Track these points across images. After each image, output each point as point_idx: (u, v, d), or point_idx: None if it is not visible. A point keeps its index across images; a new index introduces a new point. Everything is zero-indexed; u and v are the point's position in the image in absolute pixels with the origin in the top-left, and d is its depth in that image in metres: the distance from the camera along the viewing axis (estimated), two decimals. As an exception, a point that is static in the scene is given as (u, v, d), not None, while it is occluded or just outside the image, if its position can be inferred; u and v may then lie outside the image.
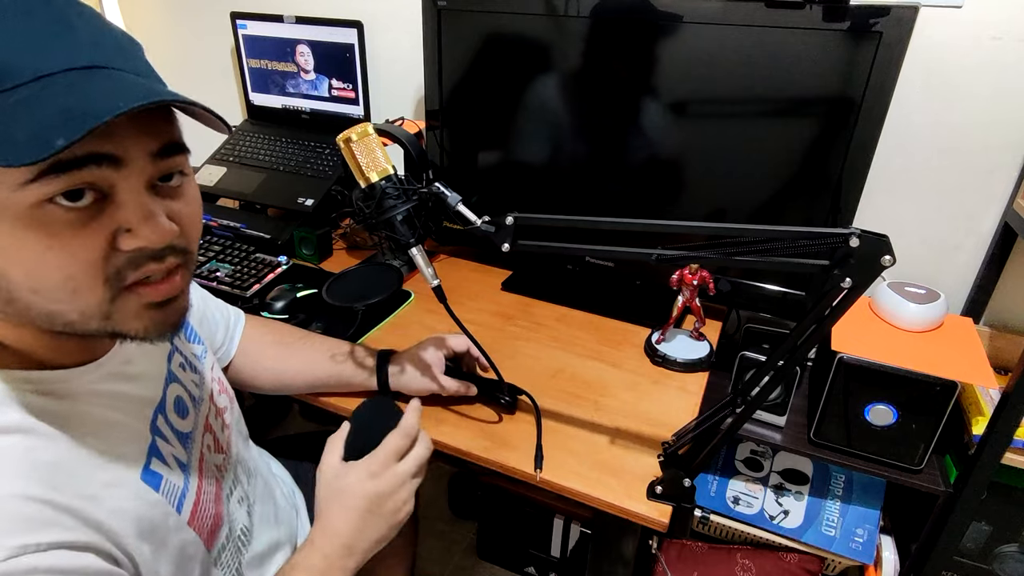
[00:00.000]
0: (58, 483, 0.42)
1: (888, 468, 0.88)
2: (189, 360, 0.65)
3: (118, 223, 0.41)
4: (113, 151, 0.39)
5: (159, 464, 0.52)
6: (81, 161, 0.37)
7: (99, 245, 0.40)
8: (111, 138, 0.39)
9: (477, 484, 1.32)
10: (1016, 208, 0.95)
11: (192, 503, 0.56)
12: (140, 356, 0.55)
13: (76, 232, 0.39)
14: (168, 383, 0.59)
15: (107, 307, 0.42)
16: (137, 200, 0.41)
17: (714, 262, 0.63)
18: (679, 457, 0.72)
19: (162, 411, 0.56)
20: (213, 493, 0.61)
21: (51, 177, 0.37)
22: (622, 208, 1.07)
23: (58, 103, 0.36)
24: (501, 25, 1.05)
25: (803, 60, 0.88)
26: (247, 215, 1.32)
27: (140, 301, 0.43)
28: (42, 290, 0.40)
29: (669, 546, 1.12)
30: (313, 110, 1.44)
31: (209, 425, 0.64)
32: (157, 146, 0.42)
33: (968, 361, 0.84)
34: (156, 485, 0.51)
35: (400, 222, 0.72)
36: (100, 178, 0.39)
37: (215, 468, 0.63)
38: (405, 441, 0.65)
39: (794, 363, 0.63)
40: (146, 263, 0.42)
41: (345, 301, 1.00)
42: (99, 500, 0.44)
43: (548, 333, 1.04)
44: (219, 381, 0.70)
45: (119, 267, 0.41)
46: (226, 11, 1.44)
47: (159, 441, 0.54)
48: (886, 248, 0.52)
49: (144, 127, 0.41)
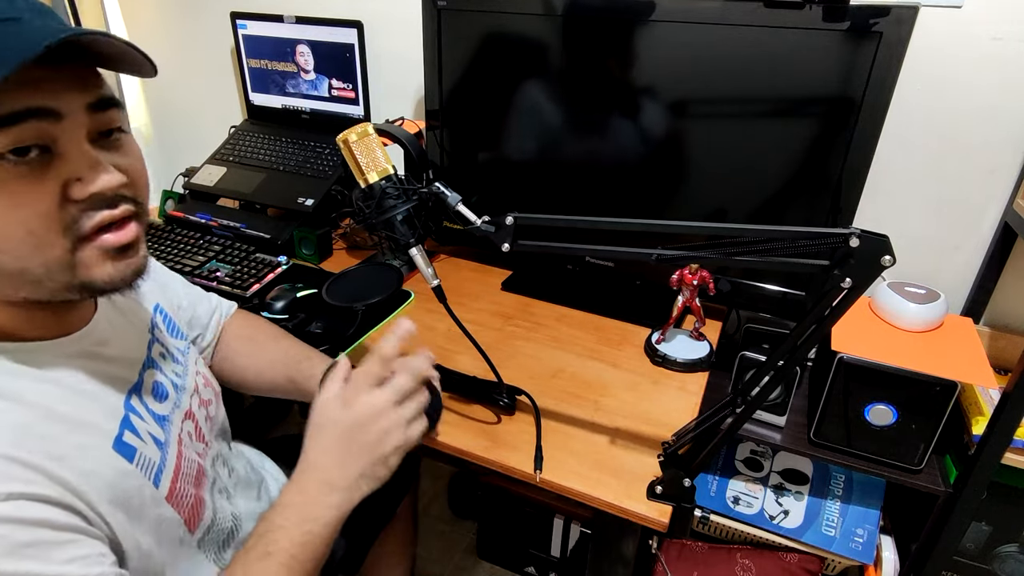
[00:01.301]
0: (24, 443, 0.43)
1: (888, 468, 0.88)
2: (171, 352, 0.66)
3: (67, 174, 0.43)
4: (51, 104, 0.41)
5: (132, 437, 0.53)
6: (21, 115, 0.40)
7: (52, 197, 0.42)
8: (45, 91, 0.41)
9: (477, 484, 1.32)
10: (1016, 208, 0.95)
11: (170, 480, 0.56)
12: (115, 340, 0.57)
13: (29, 187, 0.41)
14: (146, 367, 0.60)
15: (69, 257, 0.44)
16: (81, 150, 0.43)
17: (714, 262, 0.63)
18: (679, 457, 0.72)
19: (137, 392, 0.57)
20: (193, 475, 0.60)
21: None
22: (622, 208, 1.07)
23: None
24: (501, 25, 1.05)
25: (803, 60, 0.88)
26: (247, 215, 1.32)
27: (100, 248, 0.46)
28: (6, 248, 0.42)
29: (669, 546, 1.12)
30: (313, 110, 1.44)
31: (192, 413, 0.64)
32: (92, 98, 0.44)
33: (968, 361, 0.84)
34: (130, 456, 0.52)
35: (400, 222, 0.72)
36: (42, 131, 0.41)
37: (196, 455, 0.63)
38: (378, 367, 0.61)
39: (794, 363, 0.63)
40: (100, 210, 0.45)
41: (345, 301, 1.00)
42: (68, 460, 0.45)
43: (548, 333, 1.04)
44: (203, 376, 0.71)
45: (75, 216, 0.44)
46: (226, 11, 1.44)
47: (133, 418, 0.54)
48: (886, 248, 0.52)
49: (77, 81, 0.43)
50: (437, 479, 1.63)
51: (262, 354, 0.82)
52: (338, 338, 0.98)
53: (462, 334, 0.77)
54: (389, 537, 1.01)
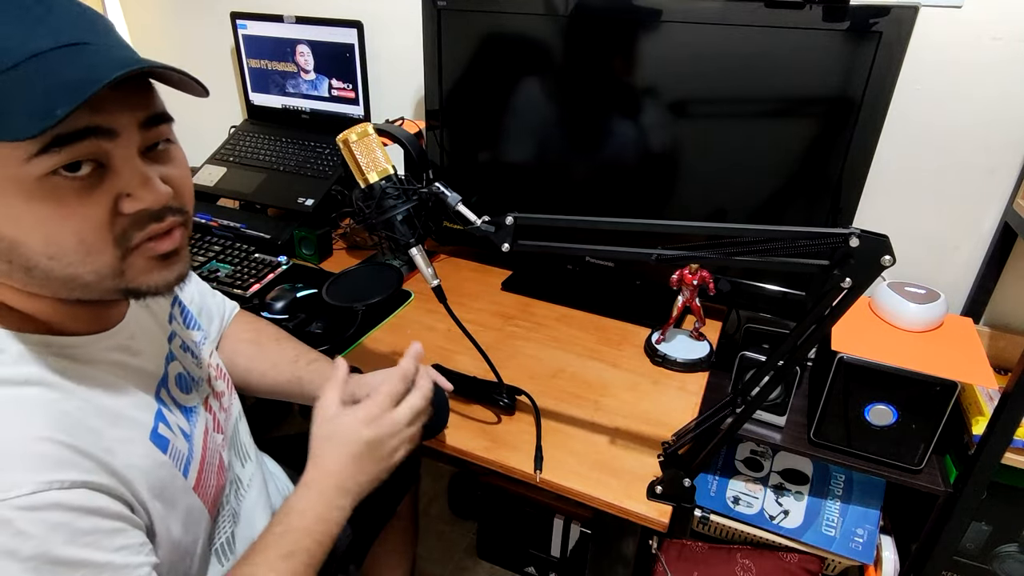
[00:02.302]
0: (77, 432, 0.45)
1: (888, 468, 0.88)
2: (188, 344, 0.67)
3: (118, 189, 0.44)
4: (107, 123, 0.43)
5: (165, 429, 0.55)
6: (81, 134, 0.41)
7: (104, 209, 0.44)
8: (104, 111, 0.42)
9: (477, 484, 1.32)
10: (1016, 208, 0.95)
11: (196, 470, 0.58)
12: (141, 334, 0.58)
13: (82, 199, 0.43)
14: (168, 360, 0.61)
15: (119, 264, 0.46)
16: (132, 167, 0.45)
17: (714, 262, 0.63)
18: (679, 457, 0.72)
19: (164, 384, 0.59)
20: (216, 465, 0.63)
21: (54, 151, 0.40)
22: (622, 208, 1.07)
23: (53, 78, 0.39)
24: (501, 25, 1.05)
25: (803, 60, 0.88)
26: (247, 215, 1.32)
27: (147, 255, 0.47)
28: (58, 255, 0.43)
29: (669, 546, 1.12)
30: (313, 110, 1.43)
31: (209, 406, 0.66)
32: (144, 116, 0.46)
33: (968, 361, 0.84)
34: (164, 447, 0.54)
35: (400, 222, 0.72)
36: (97, 149, 0.43)
37: (218, 445, 0.65)
38: (402, 385, 0.66)
39: (794, 363, 0.63)
40: (148, 223, 0.46)
41: (345, 301, 1.00)
42: (114, 452, 0.47)
43: (548, 333, 1.04)
44: (216, 367, 0.72)
45: (124, 228, 0.45)
46: (226, 11, 1.44)
47: (164, 410, 0.56)
48: (886, 248, 0.52)
49: (130, 100, 0.44)
50: (437, 479, 1.63)
51: (265, 356, 0.82)
52: (338, 338, 0.99)
53: (462, 334, 0.77)
54: (390, 536, 1.02)
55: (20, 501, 0.39)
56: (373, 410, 0.63)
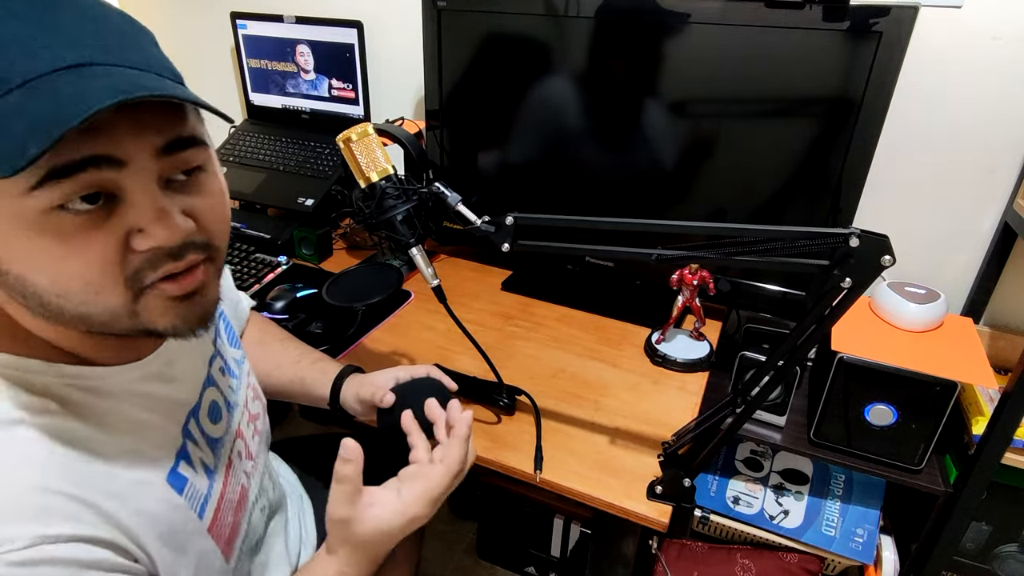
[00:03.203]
0: (83, 478, 0.42)
1: (888, 468, 0.88)
2: (228, 365, 0.64)
3: (130, 224, 0.40)
4: (111, 152, 0.38)
5: (186, 467, 0.52)
6: (79, 165, 0.36)
7: (112, 248, 0.39)
8: (107, 138, 0.37)
9: (477, 484, 1.32)
10: (1016, 208, 0.95)
11: (213, 510, 0.55)
12: (182, 357, 0.55)
13: (88, 236, 0.38)
14: (206, 387, 0.58)
15: (131, 306, 0.42)
16: (148, 199, 0.40)
17: (714, 262, 0.63)
18: (679, 457, 0.72)
19: (195, 415, 0.56)
20: (235, 501, 0.59)
21: (53, 183, 0.36)
22: (622, 208, 1.07)
23: (33, 110, 0.35)
24: (501, 25, 1.05)
25: (803, 60, 0.88)
26: (247, 215, 1.32)
27: (163, 296, 0.43)
28: (66, 294, 0.40)
29: (669, 546, 1.12)
30: (313, 110, 1.43)
31: (241, 431, 0.63)
32: (162, 142, 0.40)
33: (968, 361, 0.84)
34: (180, 488, 0.51)
35: (400, 222, 0.72)
36: (103, 179, 0.38)
37: (244, 475, 0.62)
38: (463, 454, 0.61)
39: (794, 363, 0.63)
40: (164, 262, 0.41)
41: (345, 301, 1.00)
42: (124, 499, 0.45)
43: (548, 333, 1.04)
44: (253, 387, 0.69)
45: (137, 268, 0.41)
46: (226, 11, 1.44)
47: (189, 444, 0.53)
48: (886, 248, 0.52)
49: (144, 124, 0.39)
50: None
51: (269, 357, 0.82)
52: (338, 338, 0.99)
53: (462, 334, 0.77)
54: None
55: (13, 556, 0.37)
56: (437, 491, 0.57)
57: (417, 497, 0.55)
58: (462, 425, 0.61)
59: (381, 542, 0.55)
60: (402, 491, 0.56)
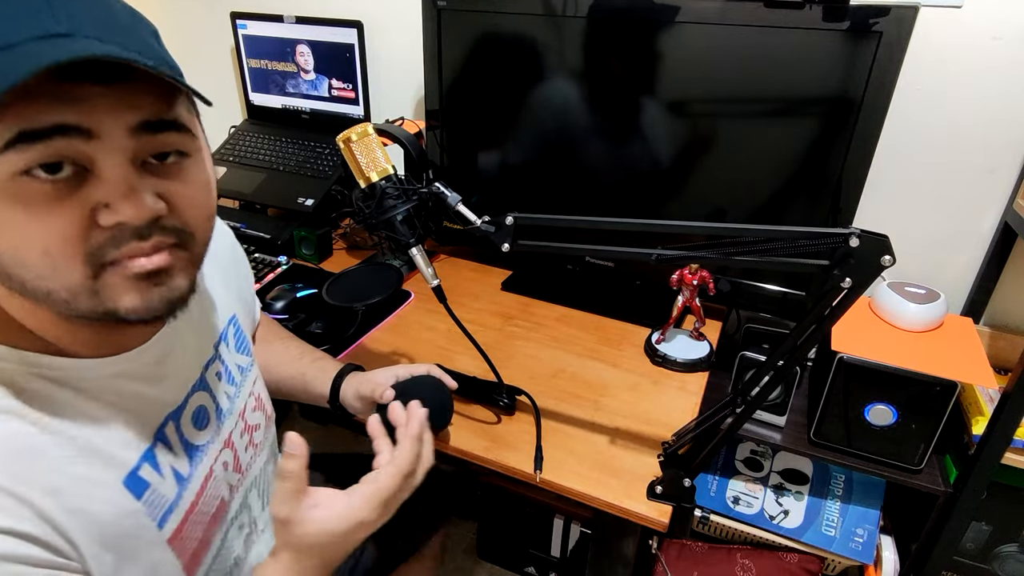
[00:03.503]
0: (20, 471, 0.41)
1: (888, 468, 0.88)
2: (229, 370, 0.62)
3: (97, 199, 0.39)
4: (80, 122, 0.37)
5: (150, 471, 0.50)
6: (48, 131, 0.36)
7: (76, 220, 0.39)
8: (80, 108, 0.37)
9: (477, 484, 1.32)
10: (1016, 208, 0.95)
11: (179, 521, 0.52)
12: (173, 356, 0.54)
13: (53, 206, 0.38)
14: (195, 390, 0.56)
15: (90, 283, 0.40)
16: (119, 175, 0.39)
17: (714, 262, 0.63)
18: (679, 457, 0.72)
19: (176, 418, 0.54)
20: (210, 515, 0.57)
21: (21, 147, 0.36)
22: (622, 208, 1.07)
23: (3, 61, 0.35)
24: (501, 25, 1.05)
25: (803, 60, 0.88)
26: (247, 215, 1.32)
27: (124, 274, 0.41)
28: (25, 265, 0.39)
29: (669, 546, 1.12)
30: (313, 110, 1.43)
31: (231, 442, 0.61)
32: (136, 120, 0.40)
33: (968, 361, 0.84)
34: (139, 492, 0.48)
35: (400, 222, 0.72)
36: (72, 149, 0.38)
37: (227, 487, 0.60)
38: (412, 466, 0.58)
39: (794, 363, 0.63)
40: (128, 240, 0.41)
41: (345, 301, 1.00)
42: (60, 495, 0.43)
43: (548, 333, 1.04)
44: (257, 397, 0.67)
45: (100, 244, 0.40)
46: (226, 11, 1.44)
47: (160, 448, 0.51)
48: (886, 248, 0.52)
49: (124, 100, 0.39)
50: (437, 479, 1.62)
51: (271, 353, 0.82)
52: (338, 338, 0.99)
53: (462, 334, 0.77)
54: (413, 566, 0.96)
55: None
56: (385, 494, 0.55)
57: (366, 499, 0.53)
58: (414, 423, 0.60)
59: (327, 546, 0.53)
60: (351, 493, 0.54)
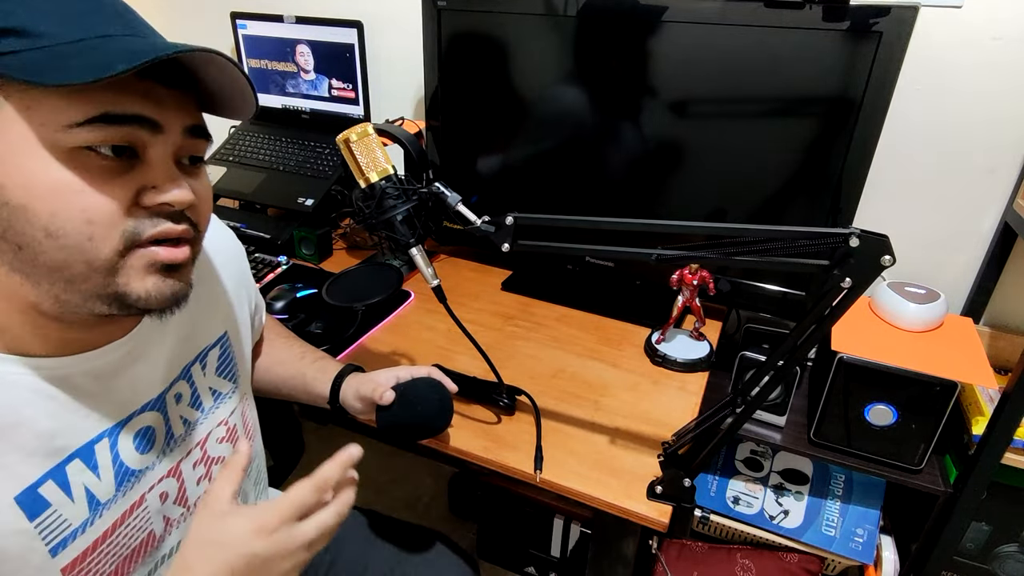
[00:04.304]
0: None
1: (888, 468, 0.88)
2: (197, 393, 0.60)
3: (144, 181, 0.44)
4: (155, 116, 0.43)
5: (54, 490, 0.46)
6: (129, 118, 0.41)
7: (125, 197, 0.43)
8: (155, 103, 0.43)
9: (477, 484, 1.32)
10: (1016, 208, 0.95)
11: (81, 551, 0.48)
12: (133, 369, 0.52)
13: (107, 181, 0.42)
14: (146, 409, 0.53)
15: (116, 259, 0.43)
16: (166, 165, 0.45)
17: (714, 262, 0.63)
18: (679, 457, 0.72)
19: (112, 435, 0.50)
20: (130, 548, 0.53)
21: (99, 125, 0.40)
22: (622, 208, 1.07)
23: (117, 46, 0.41)
24: (501, 25, 1.05)
25: (803, 60, 0.88)
26: (247, 215, 1.32)
27: (149, 259, 0.45)
28: (58, 232, 0.41)
29: (669, 546, 1.12)
30: (313, 110, 1.43)
31: (179, 471, 0.57)
32: (191, 123, 0.46)
33: (968, 361, 0.84)
34: (33, 513, 0.45)
35: (400, 222, 0.72)
36: (139, 138, 0.43)
37: (161, 521, 0.55)
38: (313, 496, 0.52)
39: (794, 363, 0.63)
40: (164, 221, 0.45)
41: (345, 301, 1.00)
42: None
43: (548, 333, 1.04)
44: (230, 428, 0.64)
45: (138, 222, 0.44)
46: (226, 11, 1.44)
47: (77, 467, 0.48)
48: (886, 248, 0.52)
49: (182, 102, 0.46)
50: (437, 479, 1.63)
51: (272, 352, 0.82)
52: (338, 338, 0.99)
53: (462, 334, 0.77)
54: None
55: None
56: (271, 520, 0.50)
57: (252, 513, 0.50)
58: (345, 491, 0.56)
59: (201, 542, 0.49)
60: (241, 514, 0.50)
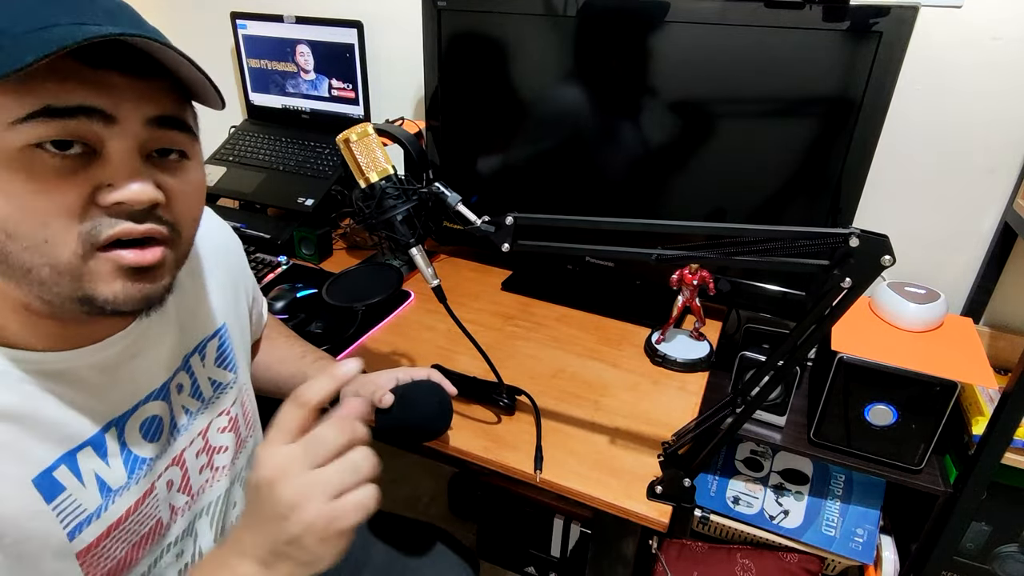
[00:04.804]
0: None
1: (888, 468, 0.88)
2: (197, 383, 0.60)
3: (100, 179, 0.41)
4: (105, 106, 0.39)
5: (69, 476, 0.47)
6: (72, 111, 0.38)
7: (79, 196, 0.40)
8: (106, 93, 0.39)
9: (477, 484, 1.32)
10: (1016, 208, 0.95)
11: (96, 536, 0.49)
12: (136, 360, 0.52)
13: (60, 180, 0.39)
14: (152, 398, 0.54)
15: (78, 263, 0.41)
16: (126, 160, 0.41)
17: (714, 262, 0.63)
18: (679, 457, 0.71)
19: (119, 424, 0.51)
20: (139, 535, 0.53)
21: (42, 120, 0.38)
22: (622, 208, 1.07)
23: (57, 35, 0.37)
24: (501, 25, 1.05)
25: (803, 60, 0.88)
26: (247, 215, 1.32)
27: (114, 263, 0.42)
28: (17, 235, 0.39)
29: (669, 546, 1.12)
30: (313, 110, 1.43)
31: (183, 460, 0.57)
32: (154, 113, 0.42)
33: (968, 361, 0.84)
34: (50, 496, 0.45)
35: (400, 222, 0.72)
36: (89, 131, 0.39)
37: (169, 509, 0.56)
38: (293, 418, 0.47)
39: (794, 363, 0.63)
40: (122, 221, 0.42)
41: (345, 301, 1.00)
42: None
43: (548, 333, 1.04)
44: (232, 418, 0.64)
45: (96, 222, 0.41)
46: (226, 11, 1.44)
47: (88, 453, 0.48)
48: (886, 248, 0.52)
49: (142, 91, 0.41)
50: (437, 479, 1.63)
51: (273, 351, 0.82)
52: (338, 338, 0.99)
53: (462, 334, 0.77)
54: None
55: None
56: (260, 447, 0.46)
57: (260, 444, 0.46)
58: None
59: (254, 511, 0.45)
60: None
